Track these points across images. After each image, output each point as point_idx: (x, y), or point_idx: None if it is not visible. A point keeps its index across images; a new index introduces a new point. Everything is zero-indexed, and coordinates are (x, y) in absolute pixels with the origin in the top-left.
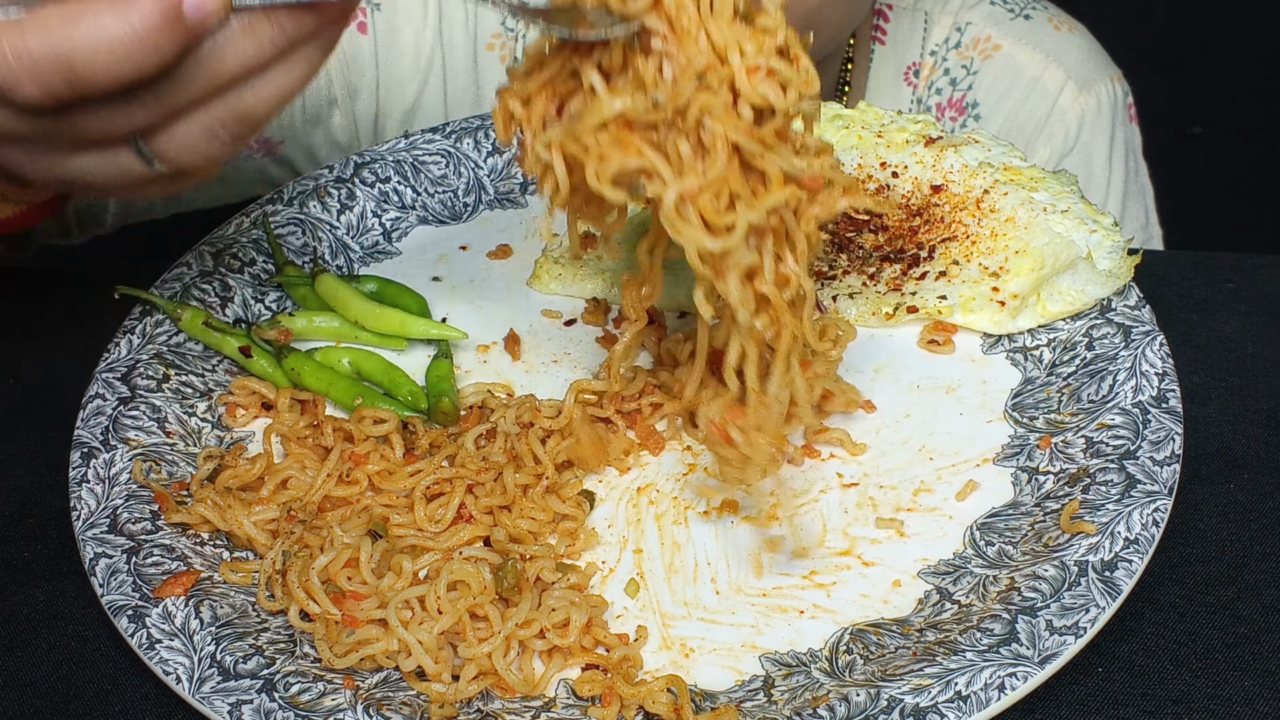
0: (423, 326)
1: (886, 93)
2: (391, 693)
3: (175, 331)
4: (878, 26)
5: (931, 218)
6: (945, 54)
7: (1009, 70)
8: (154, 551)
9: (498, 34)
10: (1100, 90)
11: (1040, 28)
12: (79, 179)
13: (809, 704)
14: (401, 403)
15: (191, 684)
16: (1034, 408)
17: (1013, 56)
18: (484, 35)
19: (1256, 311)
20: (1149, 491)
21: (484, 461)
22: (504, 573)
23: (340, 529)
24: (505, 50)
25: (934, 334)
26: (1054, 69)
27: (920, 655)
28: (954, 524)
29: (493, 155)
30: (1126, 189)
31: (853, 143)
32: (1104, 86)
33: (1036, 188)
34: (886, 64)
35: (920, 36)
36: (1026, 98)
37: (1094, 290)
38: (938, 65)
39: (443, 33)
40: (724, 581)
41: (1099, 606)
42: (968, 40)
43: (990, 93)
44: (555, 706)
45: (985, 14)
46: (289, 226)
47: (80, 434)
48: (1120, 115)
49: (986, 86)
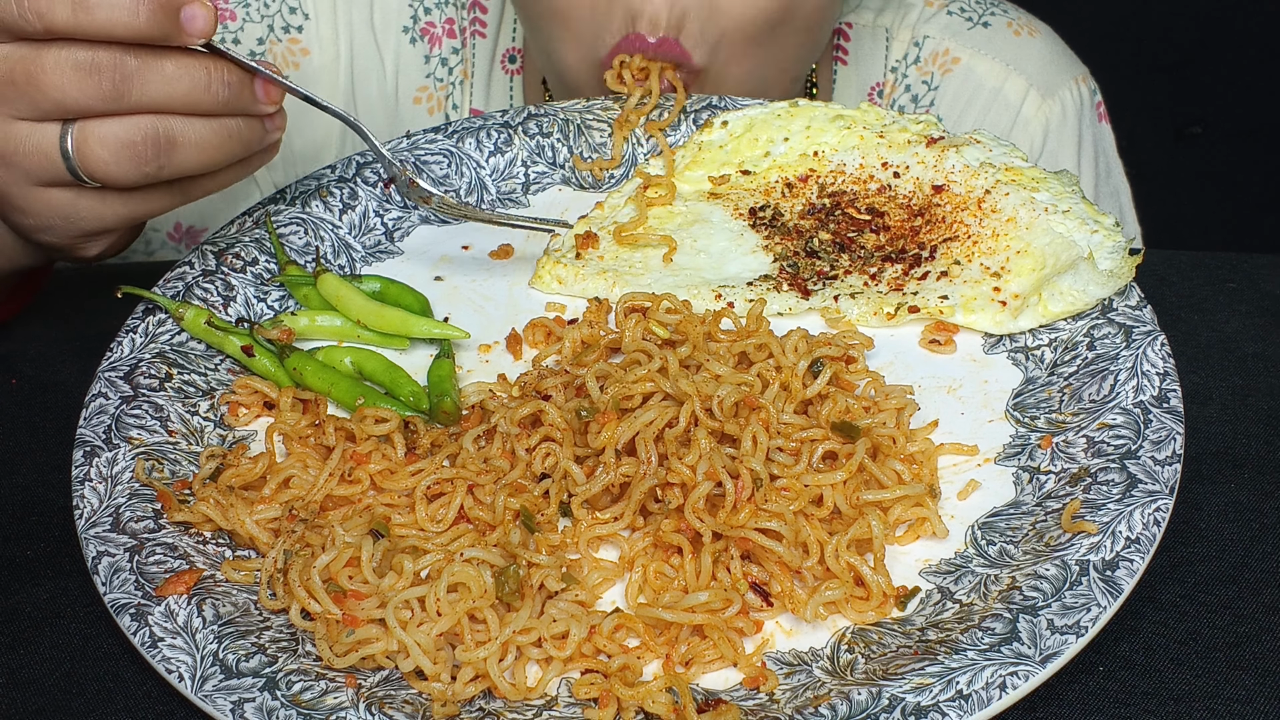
0: (425, 326)
1: None
2: (393, 691)
3: (177, 331)
4: (839, 46)
5: (933, 218)
6: (905, 70)
7: (969, 83)
8: (156, 550)
9: (424, 87)
10: (1064, 95)
11: (999, 34)
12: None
13: (810, 703)
14: (403, 402)
15: (194, 682)
16: (1035, 407)
17: (972, 69)
18: (407, 90)
19: (1257, 311)
20: (1150, 491)
21: (484, 463)
22: (506, 577)
23: (342, 528)
24: (434, 101)
25: (935, 334)
26: (1015, 78)
27: (921, 654)
28: (955, 523)
29: (495, 155)
30: (1098, 191)
31: (854, 143)
32: (1068, 91)
33: (1038, 188)
34: (850, 84)
35: (882, 54)
36: (988, 110)
37: (1095, 290)
38: (898, 82)
39: (356, 95)
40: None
41: (1100, 605)
42: (926, 54)
43: (952, 107)
44: (557, 705)
45: (943, 25)
46: (291, 226)
47: (83, 432)
48: (1088, 117)
49: (948, 101)
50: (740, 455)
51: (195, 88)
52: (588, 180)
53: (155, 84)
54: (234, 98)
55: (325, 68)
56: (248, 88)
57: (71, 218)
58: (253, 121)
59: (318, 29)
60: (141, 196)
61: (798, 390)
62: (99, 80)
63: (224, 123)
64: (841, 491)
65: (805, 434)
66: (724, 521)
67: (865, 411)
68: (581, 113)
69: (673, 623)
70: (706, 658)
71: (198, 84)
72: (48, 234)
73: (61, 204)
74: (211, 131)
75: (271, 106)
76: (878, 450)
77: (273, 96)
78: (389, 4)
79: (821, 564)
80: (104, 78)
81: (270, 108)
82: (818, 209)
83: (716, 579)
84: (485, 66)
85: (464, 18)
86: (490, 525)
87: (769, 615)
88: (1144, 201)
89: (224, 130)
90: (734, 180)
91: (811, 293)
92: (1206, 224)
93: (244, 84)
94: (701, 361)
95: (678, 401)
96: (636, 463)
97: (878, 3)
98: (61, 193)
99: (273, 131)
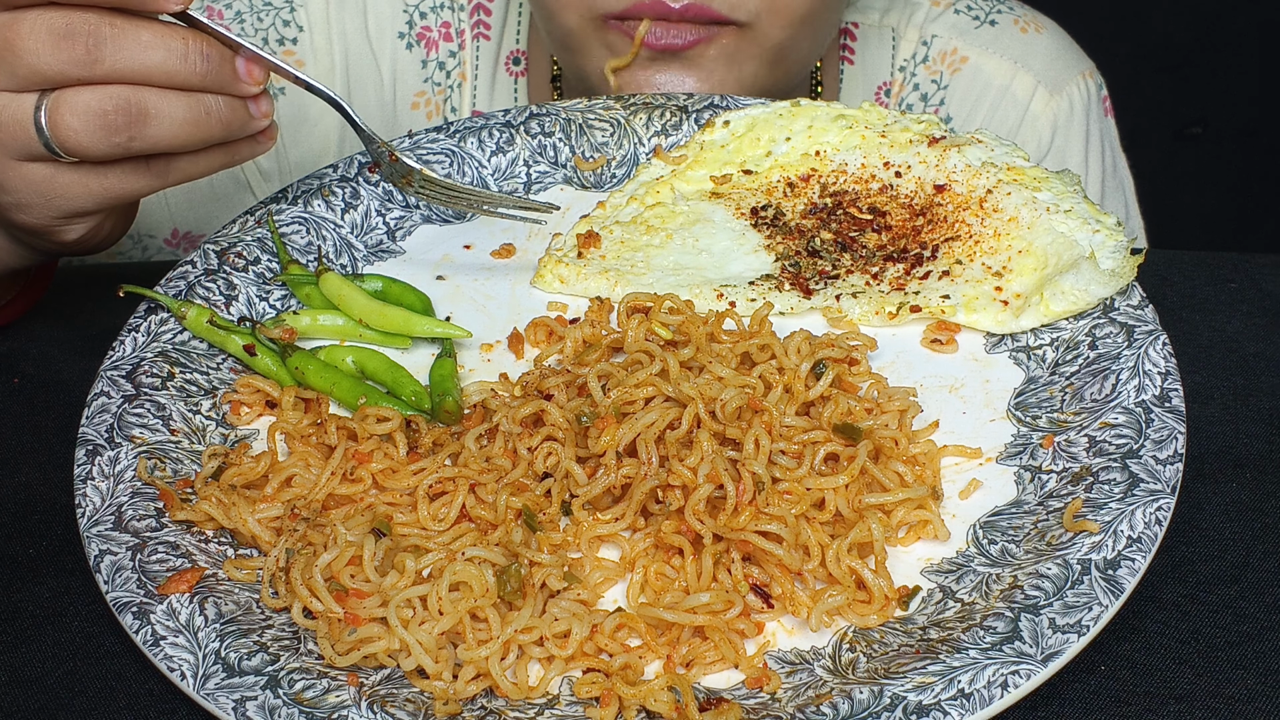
0: (427, 325)
1: None
2: (395, 689)
3: (180, 330)
4: (845, 46)
5: (935, 217)
6: (914, 69)
7: (978, 81)
8: (158, 548)
9: (421, 91)
10: (1072, 91)
11: (1006, 32)
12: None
13: (812, 701)
14: (405, 402)
15: (196, 680)
16: (1037, 407)
17: (980, 67)
18: (405, 95)
19: (1259, 311)
20: (1152, 490)
21: (486, 463)
22: (507, 576)
23: (344, 527)
24: (432, 106)
25: (937, 333)
26: (1023, 75)
27: (923, 653)
28: (957, 522)
29: (496, 155)
30: (1104, 186)
31: (856, 142)
32: (1075, 86)
33: (1040, 187)
34: (856, 84)
35: (889, 53)
36: (997, 107)
37: (1097, 290)
38: (907, 81)
39: (353, 103)
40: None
41: (1102, 605)
42: (934, 54)
43: (961, 105)
44: (559, 704)
45: (950, 24)
46: (293, 225)
47: (85, 431)
48: (1095, 111)
49: (958, 100)
50: (743, 458)
51: (170, 57)
52: (589, 180)
53: (130, 51)
54: (212, 72)
55: (321, 78)
56: (228, 64)
57: (48, 194)
58: (234, 102)
59: (312, 39)
60: (118, 174)
61: (800, 392)
62: (72, 45)
63: (201, 99)
64: (843, 495)
65: (807, 436)
66: (724, 524)
67: (867, 413)
68: (583, 112)
69: (674, 623)
70: (708, 659)
71: (173, 53)
72: (25, 212)
73: (38, 179)
74: (187, 106)
75: (254, 86)
76: (880, 452)
77: (255, 76)
78: (383, 10)
79: (823, 566)
80: (77, 43)
81: (253, 87)
82: (819, 208)
83: (718, 580)
84: (489, 68)
85: (462, 20)
86: (492, 524)
87: (770, 617)
88: (1144, 201)
89: (200, 106)
90: (736, 180)
91: (813, 292)
92: (1207, 224)
93: (224, 60)
94: (704, 363)
95: (679, 403)
96: (637, 464)
97: (884, 2)
98: (39, 167)
99: (257, 118)
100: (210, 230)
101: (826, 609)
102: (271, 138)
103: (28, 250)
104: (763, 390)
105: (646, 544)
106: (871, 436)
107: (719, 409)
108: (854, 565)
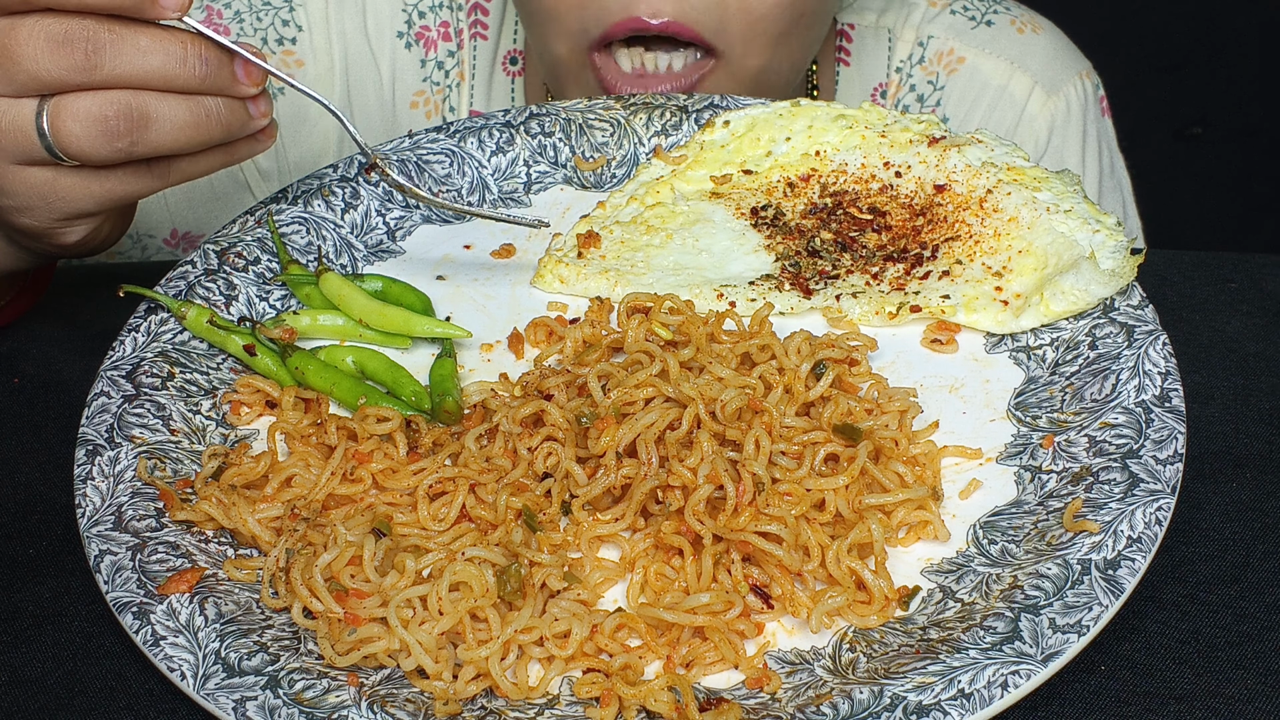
0: (427, 325)
1: None
2: (395, 689)
3: (180, 330)
4: (841, 48)
5: (935, 217)
6: (910, 70)
7: (974, 82)
8: (158, 548)
9: (420, 91)
10: (1069, 91)
11: (1003, 32)
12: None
13: (812, 701)
14: (405, 402)
15: (196, 680)
16: (1037, 407)
17: (977, 68)
18: (404, 95)
19: (1259, 311)
20: (1152, 490)
21: (486, 463)
22: (507, 576)
23: (344, 527)
24: (431, 105)
25: (937, 333)
26: (1020, 75)
27: (923, 653)
28: (957, 522)
29: (496, 155)
30: (1101, 185)
31: (856, 142)
32: (1072, 86)
33: (1040, 187)
34: (853, 85)
35: (885, 54)
36: (994, 108)
37: (1097, 290)
38: (904, 83)
39: (352, 103)
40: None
41: (1102, 605)
42: (931, 55)
43: (958, 106)
44: (559, 704)
45: (947, 25)
46: (293, 225)
47: (85, 431)
48: (1092, 112)
49: (954, 100)
50: (743, 459)
51: (170, 61)
52: (589, 180)
53: (128, 56)
54: (211, 75)
55: (320, 78)
56: (226, 67)
57: (50, 198)
58: (233, 103)
59: (311, 40)
60: (119, 177)
61: (800, 393)
62: (71, 51)
63: (201, 101)
64: (844, 495)
65: (807, 437)
66: (724, 524)
67: (868, 414)
68: (583, 112)
69: (674, 624)
70: (708, 659)
71: (172, 58)
72: (26, 215)
73: (40, 183)
74: (187, 110)
75: (253, 87)
76: (880, 453)
77: (254, 77)
78: (382, 10)
79: (823, 567)
80: (76, 48)
81: (251, 89)
82: (820, 208)
83: (718, 581)
84: (486, 68)
85: (460, 20)
86: (492, 524)
87: (770, 617)
88: (1144, 201)
89: (200, 109)
90: (736, 180)
91: (813, 292)
92: (1206, 224)
93: (222, 63)
94: (704, 364)
95: (679, 404)
96: (637, 464)
97: (879, 3)
98: (40, 171)
99: (256, 118)
100: (210, 230)
101: (826, 609)
102: (271, 136)
103: (27, 253)
104: (763, 391)
105: (646, 544)
106: (871, 437)
107: (719, 409)
108: (854, 566)
